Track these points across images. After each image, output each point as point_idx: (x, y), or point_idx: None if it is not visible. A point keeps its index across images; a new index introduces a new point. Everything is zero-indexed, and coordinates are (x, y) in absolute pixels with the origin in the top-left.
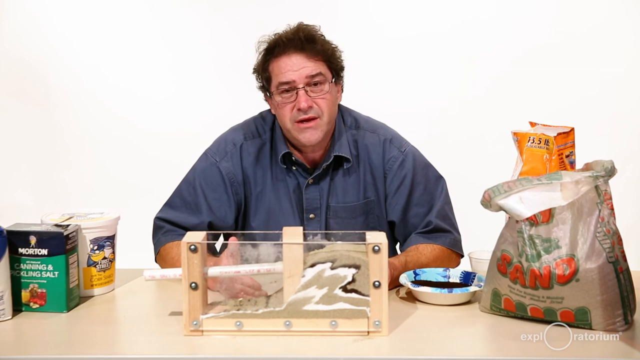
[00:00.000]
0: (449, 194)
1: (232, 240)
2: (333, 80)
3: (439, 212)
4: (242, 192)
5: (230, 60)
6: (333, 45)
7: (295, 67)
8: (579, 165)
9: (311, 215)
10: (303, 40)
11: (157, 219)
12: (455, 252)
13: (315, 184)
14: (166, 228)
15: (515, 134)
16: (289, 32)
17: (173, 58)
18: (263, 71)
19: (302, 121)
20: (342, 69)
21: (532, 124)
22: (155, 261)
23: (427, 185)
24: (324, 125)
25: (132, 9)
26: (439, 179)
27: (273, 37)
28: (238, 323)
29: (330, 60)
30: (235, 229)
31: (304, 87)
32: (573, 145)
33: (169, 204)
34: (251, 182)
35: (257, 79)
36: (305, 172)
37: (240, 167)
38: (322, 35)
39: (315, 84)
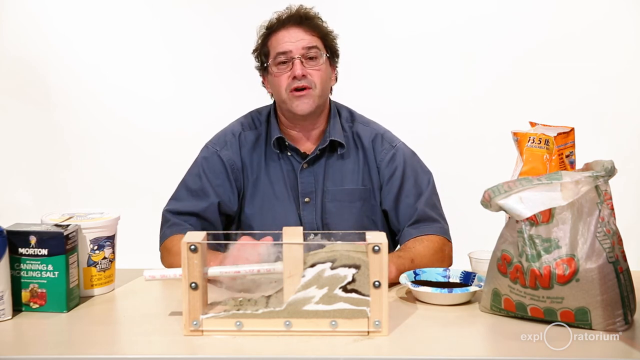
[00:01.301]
0: (436, 187)
1: (243, 240)
2: (327, 56)
3: (427, 201)
4: (242, 178)
5: (230, 60)
6: (330, 29)
7: (292, 39)
8: (579, 165)
9: (306, 199)
10: (302, 16)
11: (165, 211)
12: (446, 238)
13: (310, 167)
14: (172, 221)
15: (515, 134)
16: (288, 11)
17: (173, 58)
18: (262, 46)
19: (296, 90)
20: (337, 53)
21: (532, 124)
22: (159, 251)
23: (417, 178)
24: (316, 97)
25: (132, 9)
26: (427, 173)
27: (274, 19)
28: (238, 323)
29: (326, 39)
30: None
31: (299, 57)
32: (573, 145)
33: (175, 197)
34: (248, 169)
35: (256, 59)
36: (299, 157)
37: (239, 154)
38: (320, 18)
39: (311, 58)
